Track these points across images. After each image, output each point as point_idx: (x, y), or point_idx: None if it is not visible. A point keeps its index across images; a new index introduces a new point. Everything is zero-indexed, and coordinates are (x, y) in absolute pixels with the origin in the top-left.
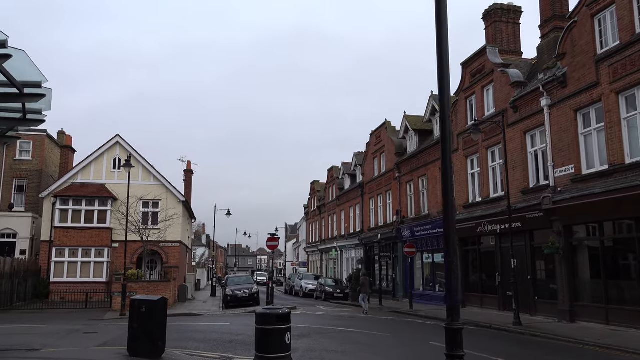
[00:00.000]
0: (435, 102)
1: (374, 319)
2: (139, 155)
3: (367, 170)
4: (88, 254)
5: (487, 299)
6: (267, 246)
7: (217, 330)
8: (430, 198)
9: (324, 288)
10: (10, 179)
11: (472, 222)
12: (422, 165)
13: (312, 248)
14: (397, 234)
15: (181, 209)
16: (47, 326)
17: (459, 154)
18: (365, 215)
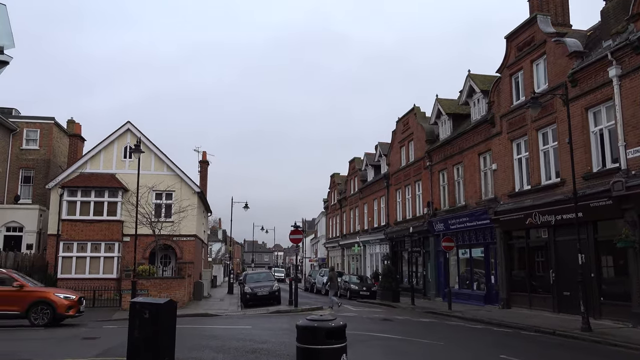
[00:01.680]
0: (472, 82)
1: (413, 322)
2: (151, 143)
3: (393, 160)
4: (97, 249)
5: (538, 299)
6: (291, 239)
7: (237, 336)
8: (467, 187)
9: (348, 285)
10: (17, 169)
11: (519, 213)
12: (457, 152)
13: (333, 243)
14: (428, 227)
15: (196, 201)
16: (44, 330)
17: (502, 137)
18: (391, 208)
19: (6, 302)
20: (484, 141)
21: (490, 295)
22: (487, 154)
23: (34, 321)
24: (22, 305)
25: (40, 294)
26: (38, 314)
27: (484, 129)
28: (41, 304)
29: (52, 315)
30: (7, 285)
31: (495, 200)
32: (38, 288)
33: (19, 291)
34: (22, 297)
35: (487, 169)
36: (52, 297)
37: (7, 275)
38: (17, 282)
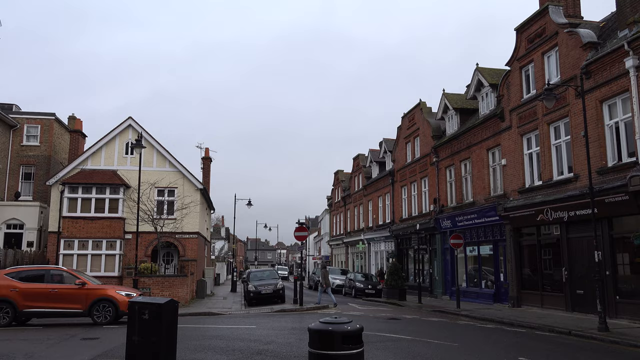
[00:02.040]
0: (481, 75)
1: (422, 322)
2: (153, 139)
3: (398, 156)
4: (99, 246)
5: (549, 298)
6: (295, 237)
7: (242, 336)
8: (475, 184)
9: (353, 284)
10: (17, 165)
11: (530, 210)
12: (465, 147)
13: (336, 241)
14: (434, 224)
15: (199, 197)
16: (42, 329)
17: (511, 132)
18: (396, 205)
19: (69, 299)
20: (493, 136)
21: (499, 294)
22: (496, 149)
23: (96, 319)
24: (85, 303)
25: (102, 292)
26: (100, 311)
27: (493, 123)
28: (103, 302)
29: (114, 313)
30: (69, 283)
31: (505, 196)
32: (100, 286)
33: (80, 289)
34: (85, 295)
35: (496, 165)
36: (114, 294)
37: (69, 273)
38: (79, 279)
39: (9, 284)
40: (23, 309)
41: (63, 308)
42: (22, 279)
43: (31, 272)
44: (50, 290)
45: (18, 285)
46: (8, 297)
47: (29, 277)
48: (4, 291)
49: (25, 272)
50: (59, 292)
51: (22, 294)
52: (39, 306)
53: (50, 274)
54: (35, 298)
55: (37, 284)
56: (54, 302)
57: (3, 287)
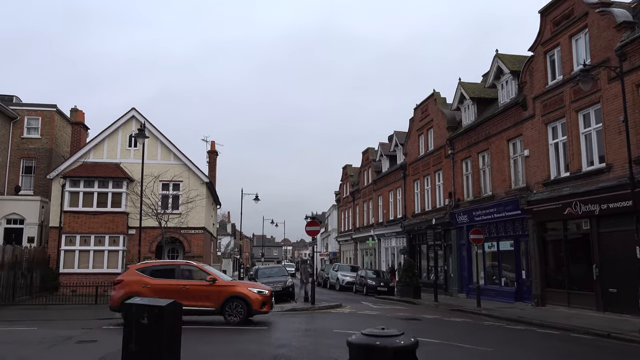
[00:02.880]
0: (501, 62)
1: (445, 323)
2: (158, 131)
3: (410, 149)
4: (101, 242)
5: (578, 297)
6: (307, 232)
7: (252, 339)
8: (494, 176)
9: (364, 281)
10: (18, 159)
11: (556, 203)
12: (483, 138)
13: (345, 237)
14: (450, 219)
15: (205, 191)
16: (37, 329)
17: (535, 121)
18: (408, 200)
19: (201, 297)
20: (514, 126)
21: (520, 292)
22: (518, 139)
23: (228, 318)
24: (217, 301)
25: (234, 289)
26: (232, 310)
27: (514, 112)
28: (235, 300)
29: (246, 312)
30: (199, 278)
31: (528, 189)
32: (230, 282)
33: (212, 285)
34: (216, 291)
35: (518, 156)
36: (246, 292)
37: (199, 269)
38: (210, 275)
39: (140, 280)
40: None
41: (195, 306)
42: (152, 275)
43: (161, 267)
44: (181, 287)
45: (149, 281)
46: (140, 294)
47: (159, 272)
48: (135, 287)
49: (155, 267)
50: (190, 289)
51: (153, 291)
52: None
53: (180, 269)
54: (166, 295)
55: (168, 279)
56: (186, 299)
57: (134, 283)
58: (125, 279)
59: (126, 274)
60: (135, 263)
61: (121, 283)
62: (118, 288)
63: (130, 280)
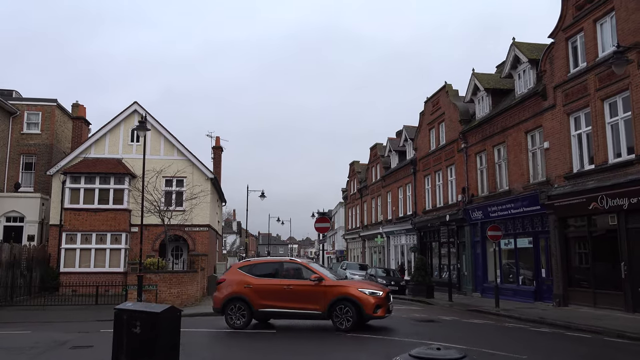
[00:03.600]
0: (518, 50)
1: (465, 325)
2: (161, 126)
3: (420, 143)
4: (103, 240)
5: (604, 296)
6: (316, 228)
7: (260, 345)
8: (511, 170)
9: (374, 279)
10: (17, 155)
11: (580, 197)
12: (498, 131)
13: (352, 235)
14: (463, 215)
15: (209, 187)
16: (32, 333)
17: (556, 111)
18: (418, 196)
19: (306, 298)
20: (533, 117)
21: (540, 291)
22: (537, 131)
23: (337, 324)
24: (323, 304)
25: (343, 290)
26: (340, 314)
27: (533, 103)
28: (344, 302)
29: (357, 317)
30: (304, 278)
31: (548, 183)
32: (339, 282)
33: (317, 286)
34: (322, 292)
35: (537, 149)
36: (356, 293)
37: (304, 266)
38: (316, 274)
39: (243, 280)
40: (258, 309)
41: (300, 308)
42: (255, 274)
43: (264, 265)
44: (285, 287)
45: (252, 281)
46: (243, 295)
47: (262, 271)
48: (238, 287)
49: (258, 265)
50: (294, 289)
51: (256, 291)
52: (274, 305)
53: (284, 267)
54: (270, 296)
55: (271, 279)
56: (289, 300)
57: (237, 283)
58: (228, 279)
59: (229, 273)
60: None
61: (224, 282)
62: (221, 288)
63: (232, 279)
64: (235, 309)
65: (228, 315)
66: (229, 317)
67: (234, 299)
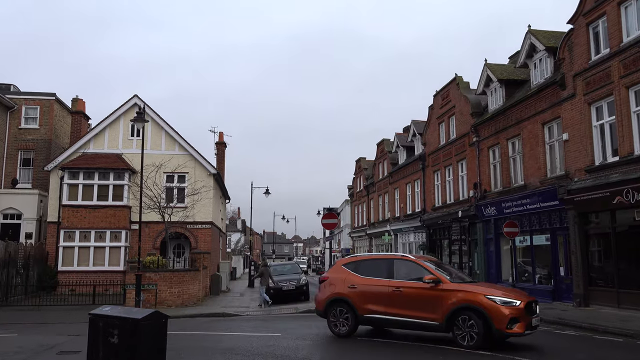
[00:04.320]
0: (534, 38)
1: None
2: (162, 120)
3: (430, 138)
4: (102, 238)
5: (629, 296)
6: (323, 225)
7: (263, 350)
8: (527, 164)
9: None
10: (15, 150)
11: (603, 191)
12: (513, 123)
13: (359, 233)
14: (475, 211)
15: (212, 183)
16: (18, 336)
17: (576, 101)
18: (427, 192)
19: (418, 305)
20: (550, 107)
21: (559, 291)
22: (554, 122)
23: (459, 339)
24: (440, 312)
25: (464, 296)
26: (462, 327)
27: (550, 92)
28: (466, 312)
29: (484, 331)
30: (417, 279)
31: (567, 177)
32: (460, 285)
33: (433, 289)
34: (439, 298)
35: (554, 141)
36: (483, 301)
37: (418, 264)
38: (431, 275)
39: (347, 278)
40: (363, 314)
41: (411, 317)
42: (360, 272)
43: (371, 262)
44: (393, 290)
45: (357, 281)
46: (346, 297)
47: (369, 268)
48: (341, 287)
49: (365, 262)
50: (405, 293)
51: (361, 293)
52: (381, 311)
53: (393, 265)
54: (376, 299)
55: (378, 279)
56: (399, 306)
57: (340, 282)
58: (331, 277)
59: (332, 270)
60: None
61: (326, 281)
62: (323, 288)
63: (335, 278)
64: (338, 313)
65: (331, 321)
66: (331, 322)
67: (336, 301)
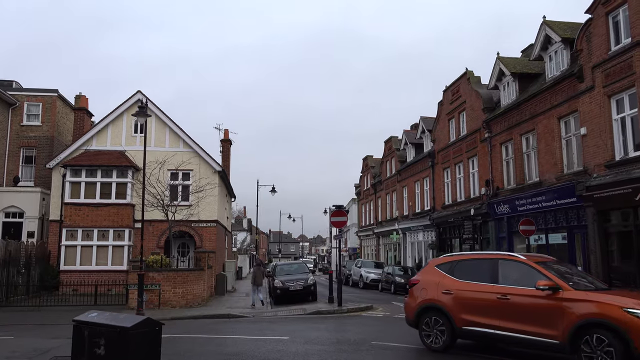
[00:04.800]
0: (549, 29)
1: None
2: (166, 116)
3: (439, 135)
4: (105, 236)
5: None
6: (332, 222)
7: (270, 357)
8: (542, 160)
9: (392, 278)
10: (17, 148)
11: (624, 187)
12: (527, 118)
13: (366, 232)
14: (487, 209)
15: (217, 180)
16: (14, 339)
17: (594, 93)
18: (437, 190)
19: (531, 317)
20: (567, 101)
21: None
22: (571, 116)
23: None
24: (560, 329)
25: (592, 307)
26: (592, 350)
27: (567, 85)
28: (596, 330)
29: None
30: (528, 285)
31: (585, 173)
32: (586, 294)
33: (551, 298)
34: (559, 310)
35: (571, 135)
36: (619, 315)
37: (530, 266)
38: (547, 280)
39: (441, 282)
40: (462, 326)
41: (522, 332)
42: (457, 274)
43: (471, 262)
44: (498, 297)
45: (452, 285)
46: (440, 304)
47: (468, 270)
48: (434, 293)
49: (463, 263)
50: (513, 302)
51: (458, 300)
52: (483, 324)
53: (498, 265)
54: (476, 308)
55: (479, 283)
56: (505, 318)
57: (433, 286)
58: (422, 279)
59: (423, 272)
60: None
61: (416, 285)
62: (413, 293)
63: (427, 281)
64: (432, 323)
65: (423, 332)
66: (424, 333)
67: (428, 309)
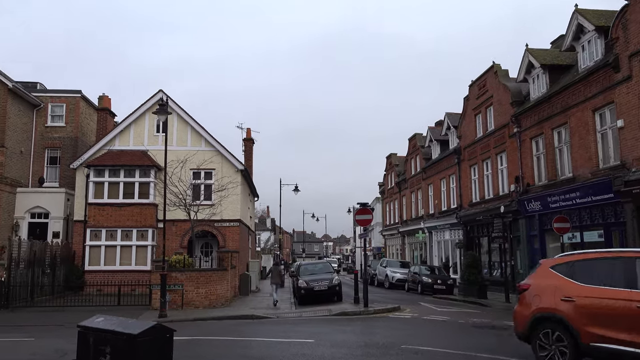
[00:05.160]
0: (582, 18)
1: None
2: (187, 114)
3: (465, 131)
4: (129, 236)
5: None
6: (357, 221)
7: None
8: (575, 154)
9: (419, 278)
10: (42, 149)
11: None
12: (559, 111)
13: (391, 231)
14: (517, 207)
15: (239, 179)
16: (34, 340)
17: (632, 83)
18: (464, 188)
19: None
20: (602, 92)
21: None
22: (607, 108)
23: None
24: None
25: None
26: None
27: (602, 76)
28: None
29: None
30: None
31: (623, 167)
32: None
33: None
34: None
35: (607, 128)
36: None
37: None
38: None
39: (559, 287)
40: (589, 342)
41: None
42: (580, 279)
43: (597, 263)
44: (639, 307)
45: (575, 291)
46: (560, 314)
47: (594, 272)
48: (551, 300)
49: (586, 262)
50: None
51: (584, 310)
52: (620, 340)
53: (635, 267)
54: (609, 320)
55: (608, 288)
56: None
57: (549, 292)
58: (534, 284)
59: (536, 275)
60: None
61: (527, 291)
62: (523, 300)
63: (541, 286)
64: (551, 337)
65: (539, 347)
66: (539, 349)
67: (544, 320)
